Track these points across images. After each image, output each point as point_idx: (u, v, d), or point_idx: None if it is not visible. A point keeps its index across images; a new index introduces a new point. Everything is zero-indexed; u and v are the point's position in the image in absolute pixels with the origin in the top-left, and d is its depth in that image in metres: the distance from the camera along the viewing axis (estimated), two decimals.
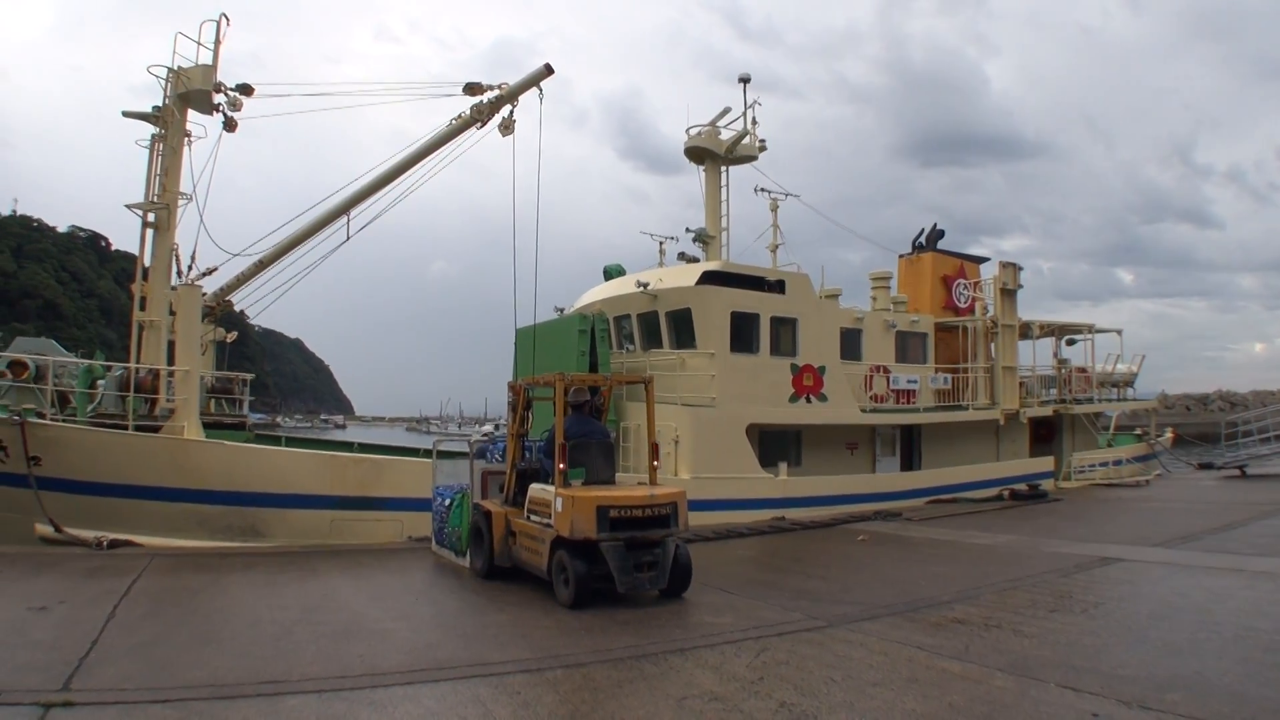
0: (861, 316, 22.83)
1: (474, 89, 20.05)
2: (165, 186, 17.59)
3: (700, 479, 17.95)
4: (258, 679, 7.04)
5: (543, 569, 10.41)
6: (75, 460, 14.43)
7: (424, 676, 7.19)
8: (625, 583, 9.83)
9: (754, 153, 24.06)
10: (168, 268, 17.83)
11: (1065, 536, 16.09)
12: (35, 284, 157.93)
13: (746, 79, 24.20)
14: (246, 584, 11.22)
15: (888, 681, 7.05)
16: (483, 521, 11.84)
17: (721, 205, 23.72)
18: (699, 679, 7.17)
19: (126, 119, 17.90)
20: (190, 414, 15.89)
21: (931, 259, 26.70)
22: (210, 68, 17.92)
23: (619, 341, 21.74)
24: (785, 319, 20.59)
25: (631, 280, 21.10)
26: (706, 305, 19.47)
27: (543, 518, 10.59)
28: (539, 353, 20.29)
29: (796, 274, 21.64)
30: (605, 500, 9.99)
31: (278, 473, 15.72)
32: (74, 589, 10.41)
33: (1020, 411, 25.85)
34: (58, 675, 6.93)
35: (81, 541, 13.77)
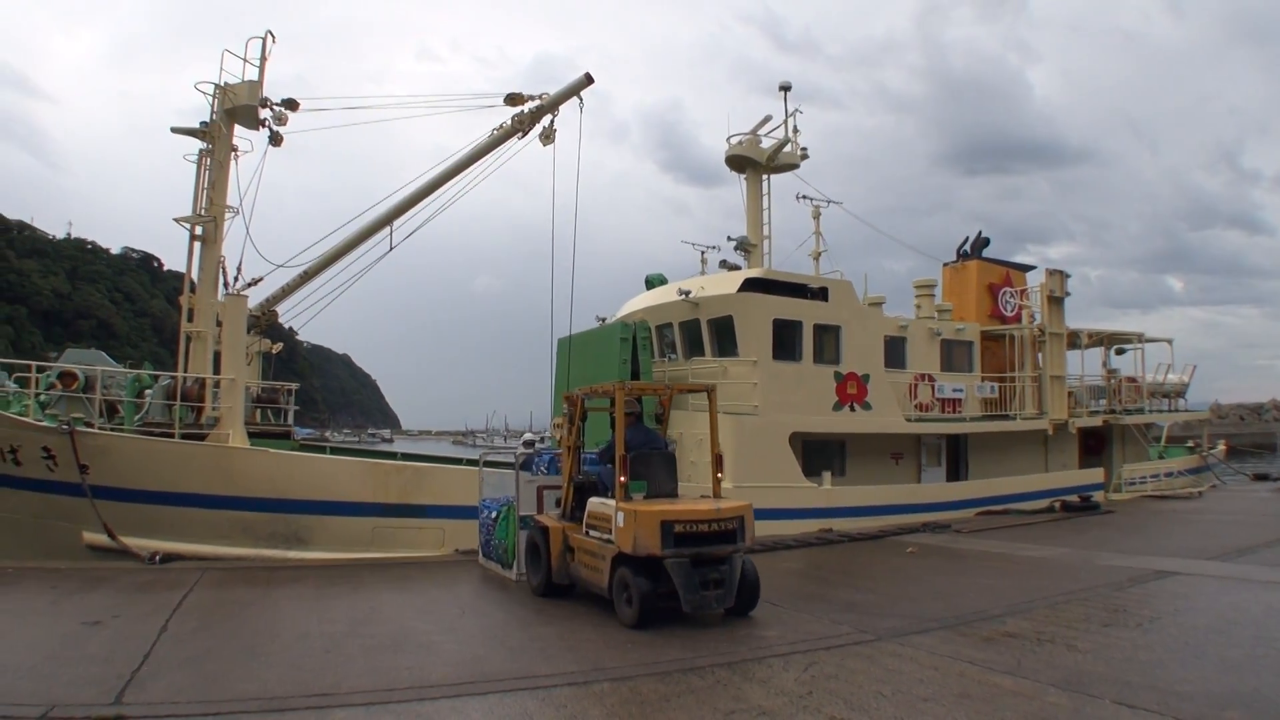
0: (906, 324, 22.61)
1: (515, 99, 20.16)
2: (212, 200, 17.85)
3: (743, 488, 17.79)
4: (307, 692, 7.07)
5: (603, 587, 10.01)
6: (122, 468, 14.61)
7: (471, 689, 7.17)
8: (691, 601, 9.36)
9: (795, 161, 23.97)
10: (214, 280, 18.07)
11: (1119, 549, 15.79)
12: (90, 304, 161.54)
13: (787, 87, 24.08)
14: (295, 597, 11.30)
15: (939, 697, 6.94)
16: (539, 537, 11.45)
17: (763, 214, 23.63)
18: (747, 693, 7.09)
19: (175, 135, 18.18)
20: (235, 422, 16.07)
21: (977, 267, 26.38)
22: (256, 83, 18.18)
23: (661, 350, 21.69)
24: (828, 326, 20.43)
25: (673, 289, 21.05)
26: (748, 313, 19.37)
27: (603, 533, 10.17)
28: (581, 362, 20.29)
29: (839, 281, 21.48)
30: (670, 514, 9.54)
31: (320, 480, 15.81)
32: (127, 603, 10.54)
33: (1069, 421, 25.44)
34: (111, 689, 7.00)
35: (133, 553, 13.94)
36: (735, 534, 9.84)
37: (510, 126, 20.04)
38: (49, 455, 14.44)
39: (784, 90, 24.02)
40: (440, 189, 20.11)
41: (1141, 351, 29.98)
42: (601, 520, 10.31)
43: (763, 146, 23.51)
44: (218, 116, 17.98)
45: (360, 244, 20.13)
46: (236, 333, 16.72)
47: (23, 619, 9.70)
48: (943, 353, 23.33)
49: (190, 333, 17.66)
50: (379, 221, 20.03)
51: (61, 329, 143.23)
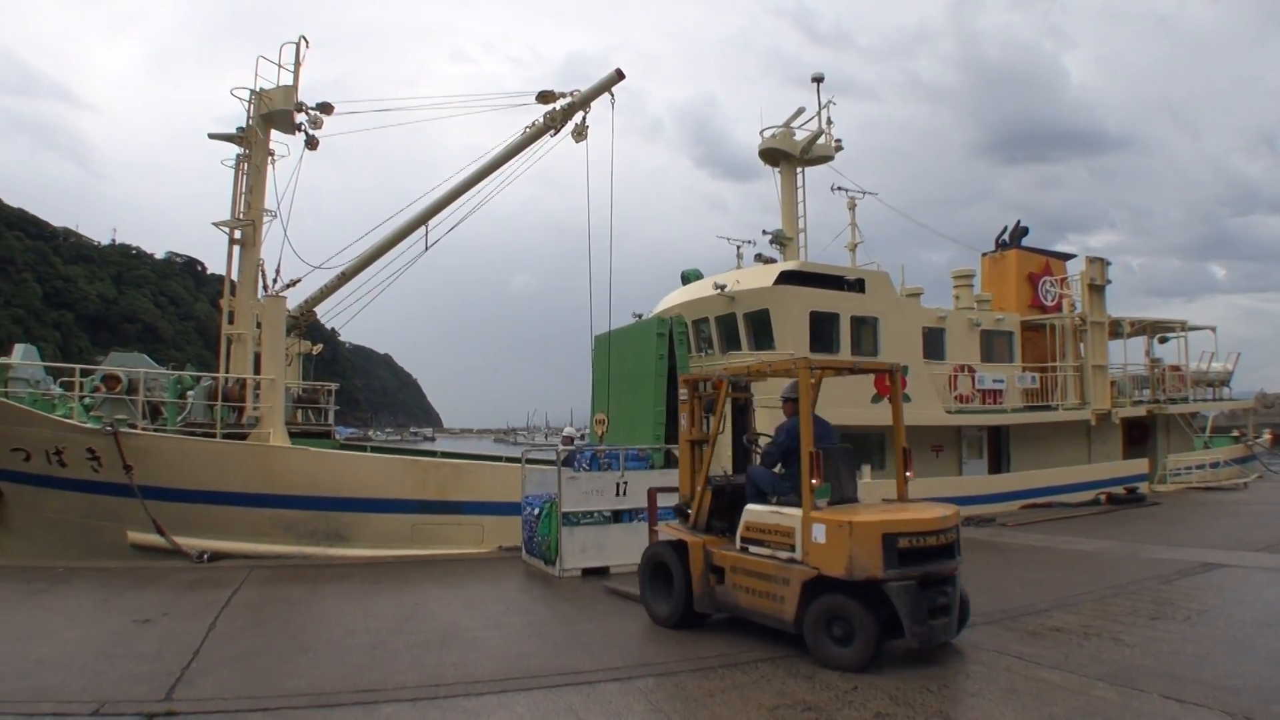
0: (945, 315, 22.39)
1: (547, 97, 20.20)
2: (250, 204, 18.04)
3: None
4: (354, 688, 7.12)
5: (784, 618, 8.06)
6: (165, 468, 14.82)
7: (516, 685, 7.19)
8: (920, 634, 7.55)
9: (830, 153, 23.82)
10: (254, 282, 18.25)
11: (1165, 542, 15.57)
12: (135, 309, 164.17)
13: (820, 78, 23.94)
14: (342, 594, 11.39)
15: (985, 692, 6.87)
16: (670, 555, 9.44)
17: (798, 207, 23.49)
18: (791, 688, 7.05)
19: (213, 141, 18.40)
20: (276, 421, 16.26)
21: (1016, 256, 26.06)
22: (291, 88, 18.34)
23: (698, 345, 21.65)
24: (866, 318, 20.30)
25: (709, 283, 21.00)
26: (785, 305, 19.28)
27: (778, 549, 8.29)
28: (619, 359, 20.29)
29: (876, 272, 21.33)
30: (893, 525, 7.71)
31: (360, 478, 15.95)
32: (176, 601, 10.68)
33: (1112, 412, 25.10)
34: (161, 686, 7.09)
35: (183, 552, 14.13)
36: (954, 546, 8.17)
37: (542, 124, 20.08)
38: (94, 456, 14.67)
39: (816, 82, 23.90)
40: (474, 188, 20.19)
41: (1185, 340, 29.55)
42: (772, 534, 8.43)
43: (796, 139, 23.38)
44: (254, 122, 18.18)
45: (396, 244, 20.26)
46: (275, 334, 16.90)
47: (74, 617, 9.83)
48: (982, 343, 23.09)
49: (231, 335, 17.88)
50: (414, 222, 20.15)
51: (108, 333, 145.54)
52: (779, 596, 8.14)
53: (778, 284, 19.51)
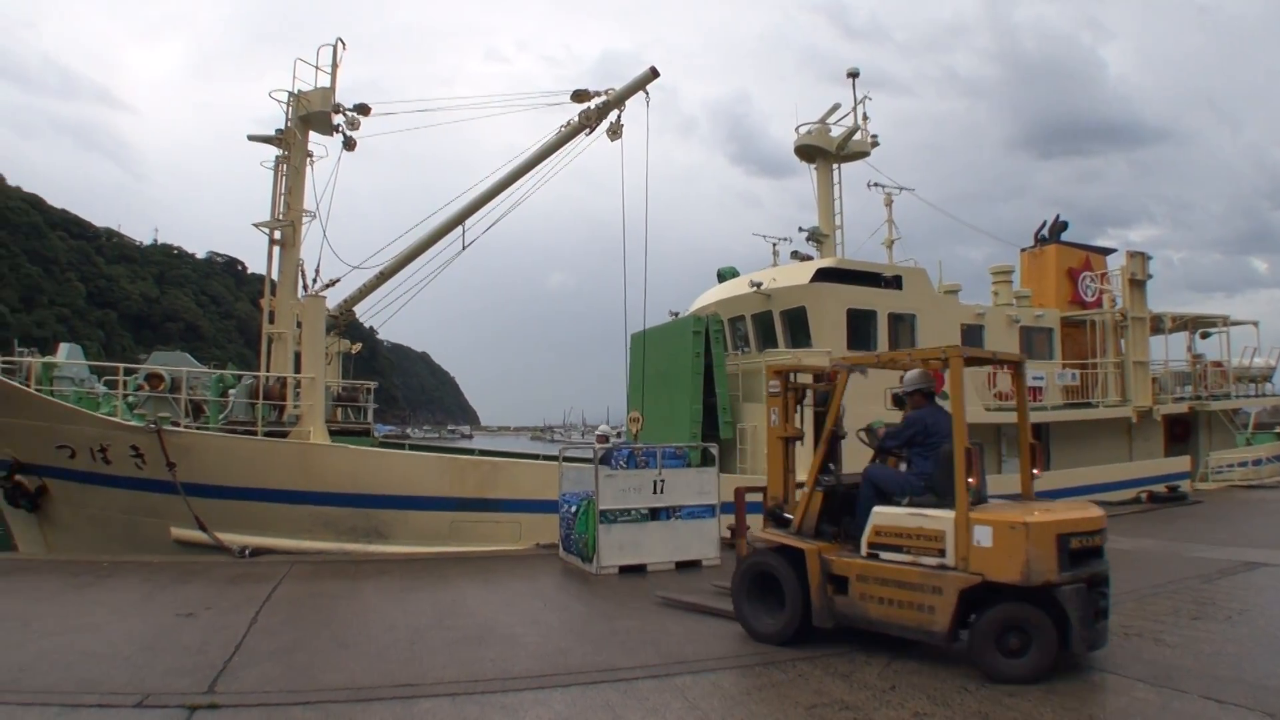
0: (983, 312, 22.16)
1: (581, 96, 20.21)
2: (290, 205, 18.19)
3: None
4: (393, 682, 7.19)
5: (935, 630, 7.42)
6: (207, 465, 14.98)
7: (554, 681, 7.22)
8: (1087, 638, 7.17)
9: (866, 149, 23.61)
10: (294, 282, 18.42)
11: (1207, 540, 15.35)
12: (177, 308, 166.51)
13: (855, 74, 23.73)
14: (381, 590, 11.47)
15: (1024, 692, 6.79)
16: (781, 565, 8.54)
17: (834, 203, 23.32)
18: (829, 687, 7.02)
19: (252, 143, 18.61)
20: (316, 419, 16.39)
21: (1055, 251, 25.70)
22: (329, 90, 18.46)
23: (734, 343, 21.60)
24: (903, 315, 20.14)
25: (745, 281, 20.92)
26: (821, 303, 19.18)
27: (921, 555, 7.68)
28: (655, 357, 20.28)
29: (914, 269, 21.16)
30: (1065, 526, 7.29)
31: (399, 475, 16.03)
32: (219, 595, 10.82)
33: (1154, 409, 24.72)
34: (204, 678, 7.19)
35: (225, 548, 14.31)
36: (1104, 547, 7.80)
37: (577, 123, 20.09)
38: (137, 454, 14.88)
39: (852, 77, 23.70)
40: (510, 187, 20.26)
41: (1227, 335, 28.95)
42: (913, 538, 7.79)
43: (832, 135, 23.20)
44: (292, 124, 18.32)
45: (434, 244, 20.36)
46: (315, 333, 17.05)
47: (119, 611, 9.97)
48: (1022, 340, 22.81)
49: (272, 334, 18.05)
50: (452, 221, 20.24)
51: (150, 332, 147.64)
52: (927, 606, 7.48)
53: (814, 281, 19.41)
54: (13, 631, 8.87)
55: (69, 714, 6.33)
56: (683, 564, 12.92)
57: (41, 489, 15.68)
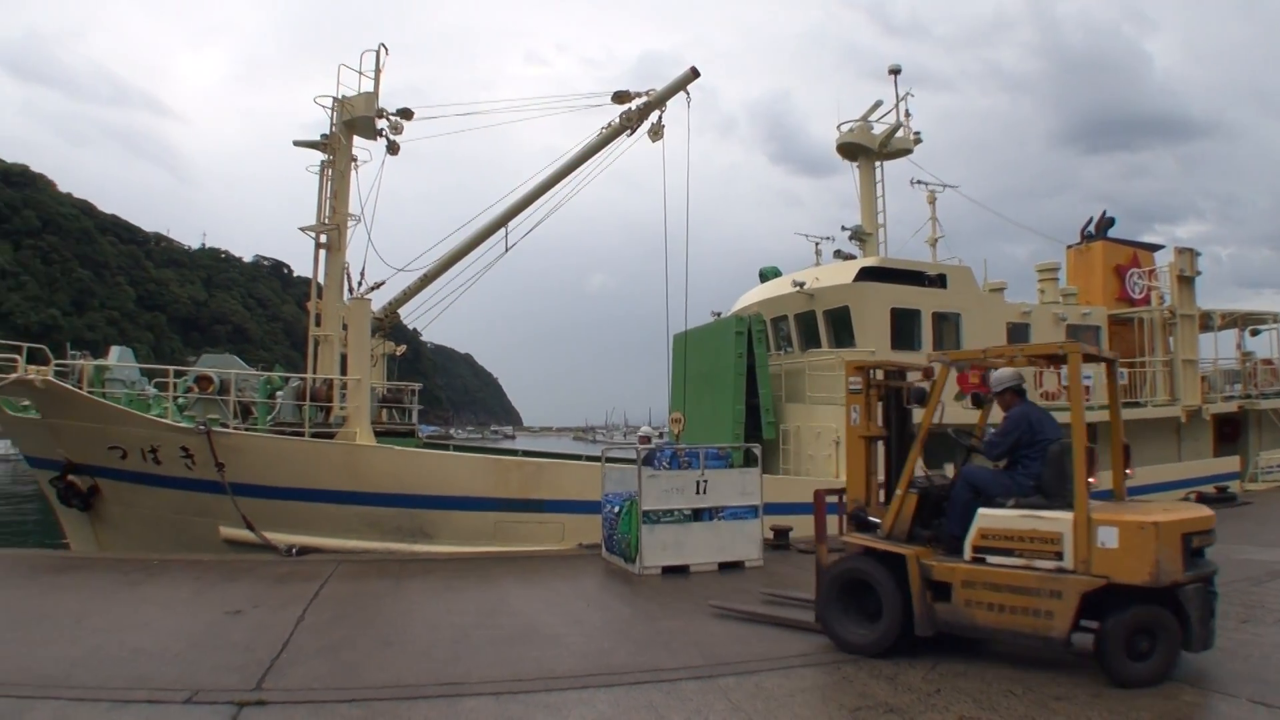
0: (1029, 310, 21.85)
1: (622, 97, 20.27)
2: (335, 209, 18.37)
3: None
4: (438, 681, 7.23)
5: (1053, 635, 7.17)
6: (255, 466, 15.16)
7: (597, 681, 7.22)
8: (1203, 638, 7.09)
9: (909, 145, 23.41)
10: (339, 285, 18.60)
11: (1257, 542, 15.02)
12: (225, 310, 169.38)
13: (897, 70, 23.51)
14: (425, 589, 11.55)
15: (1072, 696, 6.72)
16: (878, 571, 8.14)
17: (877, 201, 23.16)
18: (873, 689, 6.97)
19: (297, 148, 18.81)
20: (362, 420, 16.52)
21: (1102, 248, 25.27)
22: (372, 95, 18.62)
23: (776, 343, 21.51)
24: (948, 314, 19.92)
25: (787, 281, 20.83)
26: (865, 302, 19.05)
27: (1035, 558, 7.40)
28: (697, 358, 20.25)
29: (958, 267, 20.94)
30: (1188, 525, 7.17)
31: (444, 476, 16.10)
32: (266, 594, 10.92)
33: (1203, 408, 24.23)
34: (251, 675, 7.26)
35: (272, 546, 14.48)
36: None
37: (618, 124, 20.15)
38: (187, 455, 15.09)
39: (894, 74, 23.49)
40: (552, 189, 20.35)
41: (1277, 332, 28.35)
42: (1026, 540, 7.51)
43: (874, 133, 23.03)
44: (337, 129, 18.51)
45: (477, 246, 20.51)
46: (361, 335, 17.20)
47: (168, 608, 10.10)
48: (1068, 338, 22.47)
49: (318, 336, 18.26)
50: (494, 224, 20.37)
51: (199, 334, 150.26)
52: (1044, 611, 7.22)
53: (858, 280, 19.28)
54: (65, 627, 9.00)
55: (119, 709, 6.42)
56: (726, 565, 12.86)
57: (93, 489, 15.97)
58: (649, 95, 20.15)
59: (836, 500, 9.51)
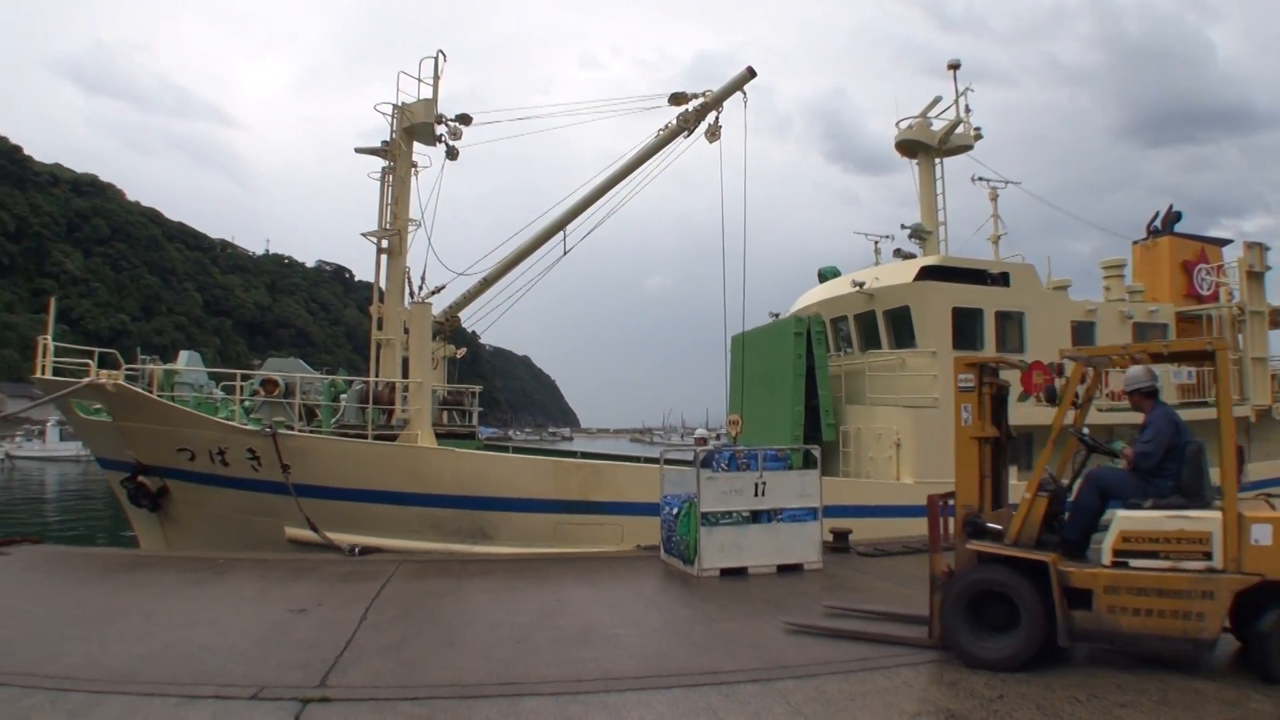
0: (1094, 308, 21.37)
1: (679, 99, 20.24)
2: (396, 214, 18.57)
3: (925, 484, 17.35)
4: (498, 680, 7.28)
5: (1203, 637, 7.08)
6: (320, 468, 15.39)
7: (656, 683, 7.21)
8: None
9: (969, 142, 23.04)
10: (401, 289, 18.81)
11: None
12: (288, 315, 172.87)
13: (956, 65, 23.14)
14: (485, 589, 11.61)
15: (1137, 703, 6.59)
16: (1016, 580, 7.75)
17: (937, 199, 22.86)
18: (934, 695, 6.92)
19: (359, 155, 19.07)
20: (423, 423, 16.69)
21: (1169, 244, 24.60)
22: (431, 101, 18.79)
23: (836, 344, 21.35)
24: (1011, 313, 19.57)
25: (847, 281, 20.66)
26: (926, 302, 18.82)
27: (1183, 559, 7.27)
28: (755, 359, 20.16)
29: (1021, 265, 20.57)
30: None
31: (504, 478, 16.21)
32: (329, 592, 11.06)
33: (1274, 407, 23.52)
34: (315, 673, 7.37)
35: (335, 546, 14.70)
36: None
37: (675, 126, 20.12)
38: (254, 456, 15.36)
39: (953, 69, 23.13)
40: (610, 191, 20.41)
41: None
42: (1171, 542, 7.35)
43: (933, 129, 22.74)
44: (397, 135, 18.71)
45: (536, 249, 20.62)
46: (423, 338, 17.40)
47: (235, 606, 10.29)
48: (1134, 337, 21.89)
49: (380, 340, 18.48)
50: (553, 226, 20.45)
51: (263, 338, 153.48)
52: (1195, 614, 7.09)
53: (918, 280, 19.05)
54: (135, 624, 9.21)
55: (187, 705, 6.55)
56: (784, 567, 12.77)
57: (163, 489, 16.34)
58: (705, 96, 20.10)
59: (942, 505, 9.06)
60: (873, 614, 9.79)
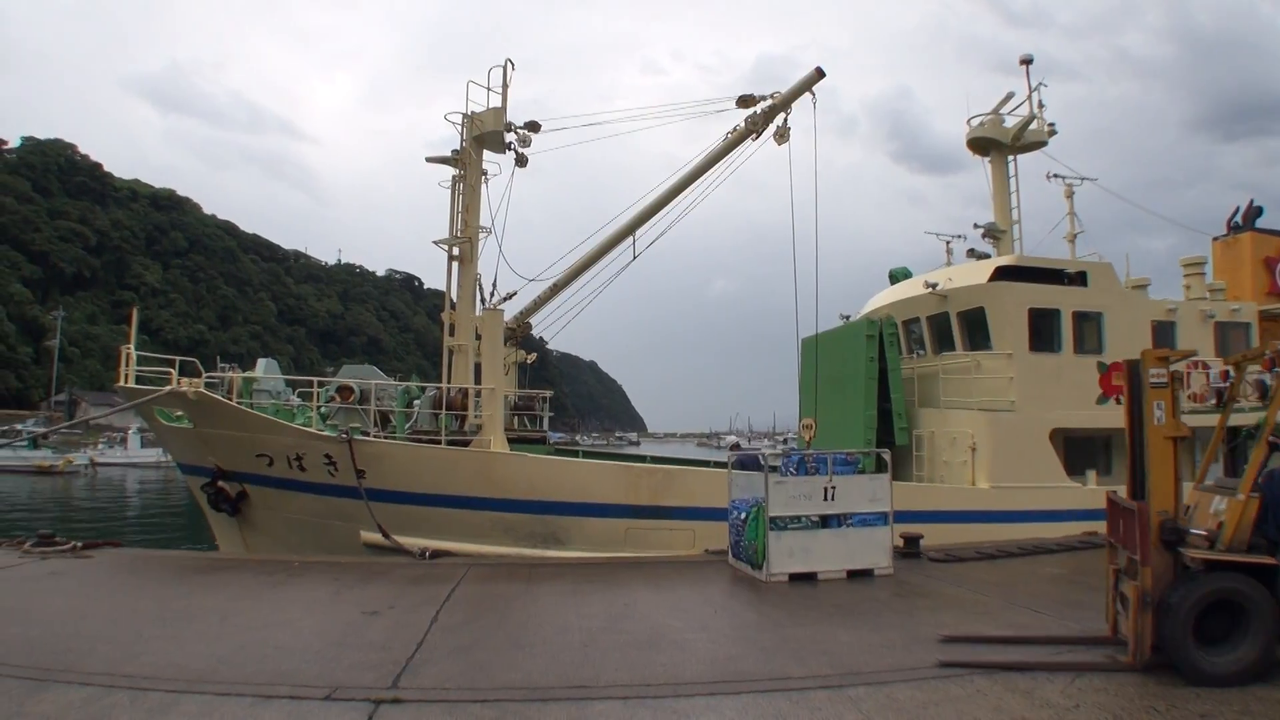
0: (1174, 307, 20.74)
1: (747, 101, 20.18)
2: (467, 222, 18.72)
3: (1000, 489, 17.03)
4: (567, 684, 7.30)
5: None
6: (394, 473, 15.57)
7: (725, 688, 7.18)
8: None
9: (1043, 138, 22.53)
10: (472, 296, 18.96)
11: None
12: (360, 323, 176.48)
13: (1029, 60, 22.69)
14: (554, 593, 11.63)
15: (1217, 714, 6.44)
16: (1253, 588, 7.30)
17: (1010, 197, 22.45)
18: (1009, 703, 6.77)
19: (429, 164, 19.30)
20: (496, 428, 16.80)
21: (1250, 240, 23.72)
22: (500, 110, 18.92)
23: (909, 346, 21.07)
24: (1089, 313, 19.11)
25: (919, 282, 20.38)
26: (1001, 303, 18.47)
27: None
28: (827, 362, 19.97)
29: (1099, 263, 20.07)
30: None
31: (576, 483, 16.24)
32: (401, 595, 11.18)
33: None
34: (388, 674, 7.46)
35: (405, 550, 14.87)
36: None
37: (744, 128, 20.05)
38: (330, 462, 15.61)
39: (1025, 64, 22.67)
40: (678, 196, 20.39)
41: None
42: None
43: (1006, 126, 22.35)
44: (467, 144, 18.89)
45: (606, 254, 20.70)
46: (495, 344, 17.52)
47: (309, 608, 10.46)
48: (1217, 337, 21.20)
49: (452, 346, 18.66)
50: (622, 232, 20.51)
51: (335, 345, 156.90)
52: None
53: (993, 280, 18.72)
54: (212, 625, 9.41)
55: (263, 705, 6.67)
56: (854, 572, 12.62)
57: (242, 494, 16.67)
58: (774, 98, 20.00)
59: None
60: (992, 640, 8.91)
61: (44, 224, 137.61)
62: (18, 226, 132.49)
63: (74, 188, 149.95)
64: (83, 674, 7.35)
